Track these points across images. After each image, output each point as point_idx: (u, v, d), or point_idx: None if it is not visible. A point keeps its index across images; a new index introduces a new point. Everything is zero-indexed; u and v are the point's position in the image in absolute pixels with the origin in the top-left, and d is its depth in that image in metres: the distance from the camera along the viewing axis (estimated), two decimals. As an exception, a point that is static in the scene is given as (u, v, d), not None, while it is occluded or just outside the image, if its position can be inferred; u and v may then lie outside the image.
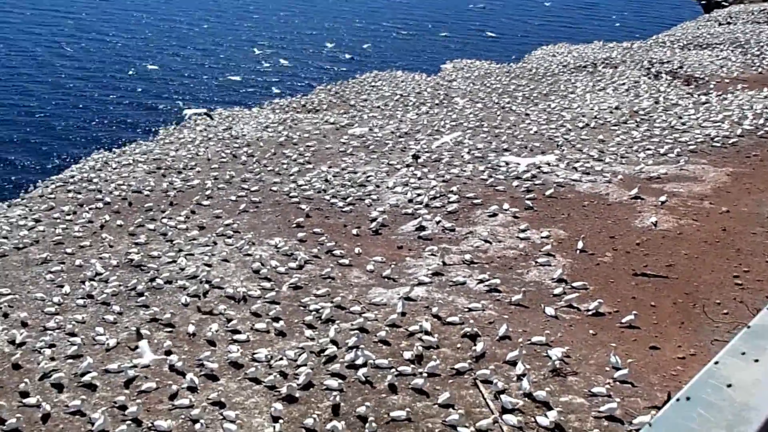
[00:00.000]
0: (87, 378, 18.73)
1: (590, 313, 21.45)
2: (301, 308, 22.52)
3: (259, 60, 71.84)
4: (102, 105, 60.24)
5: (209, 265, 25.77)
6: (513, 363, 18.76)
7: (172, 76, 69.55)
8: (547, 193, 31.60)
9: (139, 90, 64.05)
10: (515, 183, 33.03)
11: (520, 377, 18.09)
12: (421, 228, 28.67)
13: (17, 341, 20.76)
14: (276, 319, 21.69)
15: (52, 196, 34.47)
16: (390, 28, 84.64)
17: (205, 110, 51.62)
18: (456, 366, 18.82)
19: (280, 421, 16.76)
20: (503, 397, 17.29)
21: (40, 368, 19.28)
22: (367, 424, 16.47)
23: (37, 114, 55.87)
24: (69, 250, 27.66)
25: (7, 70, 68.31)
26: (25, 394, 18.18)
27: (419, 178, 34.57)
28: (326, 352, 19.76)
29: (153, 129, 51.16)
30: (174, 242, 28.08)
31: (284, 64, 74.85)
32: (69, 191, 34.91)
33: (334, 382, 18.24)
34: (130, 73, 67.48)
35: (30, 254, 27.55)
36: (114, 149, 43.99)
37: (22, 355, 20.08)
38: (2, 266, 26.49)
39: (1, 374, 19.25)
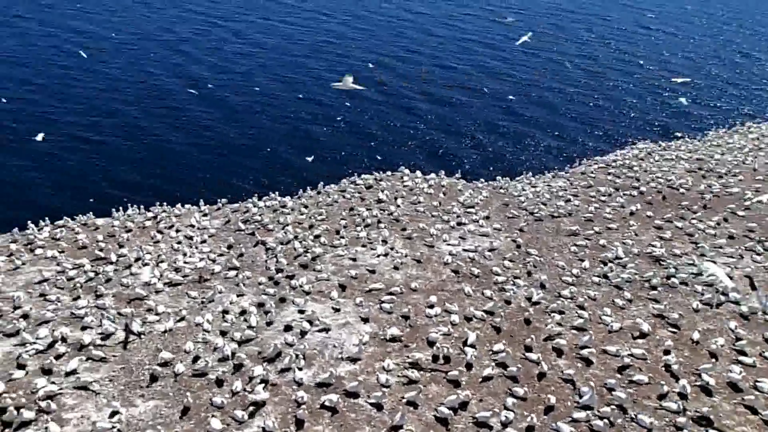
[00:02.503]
0: (585, 352, 19.66)
1: None
2: (829, 351, 19.87)
3: None
4: (657, 100, 60.62)
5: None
6: None
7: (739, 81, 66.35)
8: None
9: (684, 91, 62.60)
10: None
11: None
12: None
13: (533, 299, 22.77)
14: (793, 353, 19.59)
15: (593, 175, 36.23)
16: None
17: None
18: None
19: (773, 463, 15.29)
20: None
21: (547, 330, 20.91)
22: None
23: (598, 97, 59.13)
24: (596, 229, 28.92)
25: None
26: (528, 349, 19.96)
27: None
28: None
29: (702, 129, 49.68)
30: (698, 245, 27.15)
31: None
32: (608, 174, 36.25)
33: None
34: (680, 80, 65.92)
35: (562, 224, 29.62)
36: (660, 142, 43.98)
37: (534, 313, 21.98)
38: (536, 229, 29.07)
39: (513, 325, 21.43)
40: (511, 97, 58.57)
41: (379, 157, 43.70)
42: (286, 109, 53.09)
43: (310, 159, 38.57)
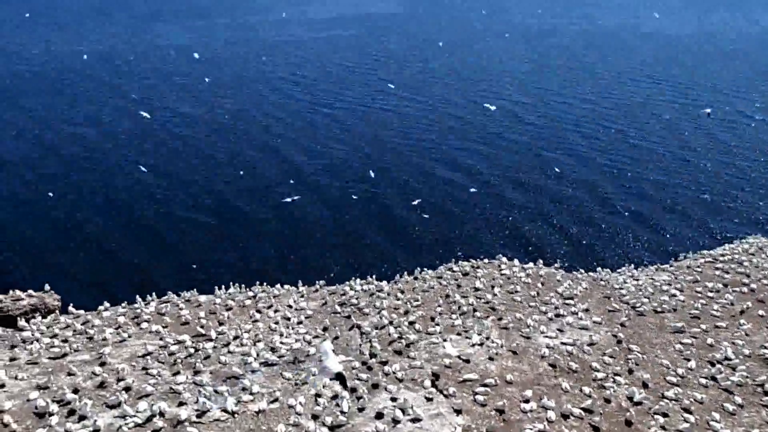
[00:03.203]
0: (688, 460, 18.50)
1: None
2: None
3: None
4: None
5: None
6: None
7: None
8: None
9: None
10: None
11: None
12: None
13: (635, 399, 21.68)
14: None
15: (699, 270, 34.79)
16: None
17: None
18: None
19: None
20: None
21: (651, 432, 19.83)
22: None
23: (677, 193, 57.57)
24: (704, 327, 27.55)
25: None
26: (632, 452, 18.96)
27: None
28: None
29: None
30: (818, 349, 25.45)
31: None
32: (716, 269, 34.74)
33: None
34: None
35: (665, 320, 28.39)
36: (773, 236, 42.15)
37: (635, 414, 20.92)
38: (638, 324, 27.97)
39: (613, 425, 20.44)
40: (609, 187, 57.73)
41: (474, 245, 43.61)
42: (381, 196, 54.15)
43: (403, 244, 38.87)
